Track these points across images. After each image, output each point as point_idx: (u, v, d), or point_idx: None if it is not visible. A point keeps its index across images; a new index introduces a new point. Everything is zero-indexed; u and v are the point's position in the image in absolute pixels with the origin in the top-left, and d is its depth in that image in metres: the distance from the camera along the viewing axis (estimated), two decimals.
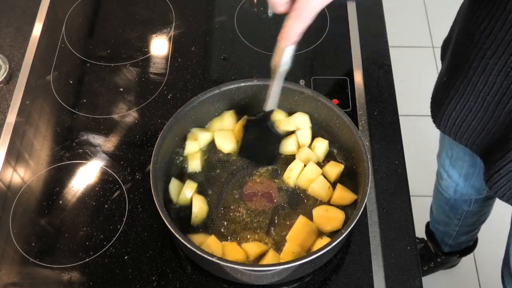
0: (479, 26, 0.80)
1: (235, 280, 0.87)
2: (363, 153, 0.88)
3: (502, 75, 0.81)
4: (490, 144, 0.94)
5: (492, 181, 0.94)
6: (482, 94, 0.86)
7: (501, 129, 0.89)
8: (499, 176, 0.92)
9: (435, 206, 1.56)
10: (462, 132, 0.96)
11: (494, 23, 0.77)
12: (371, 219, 0.95)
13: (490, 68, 0.82)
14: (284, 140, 0.97)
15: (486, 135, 0.93)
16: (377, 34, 1.21)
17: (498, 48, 0.79)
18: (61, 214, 0.96)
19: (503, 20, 0.76)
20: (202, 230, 0.90)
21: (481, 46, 0.81)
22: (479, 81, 0.85)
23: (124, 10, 1.26)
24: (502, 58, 0.79)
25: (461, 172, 1.29)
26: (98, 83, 1.13)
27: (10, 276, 0.89)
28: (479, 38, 0.81)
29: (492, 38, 0.79)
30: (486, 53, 0.81)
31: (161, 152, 0.89)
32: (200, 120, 0.99)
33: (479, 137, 0.94)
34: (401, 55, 2.32)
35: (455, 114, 0.94)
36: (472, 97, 0.88)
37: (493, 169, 0.92)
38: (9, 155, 1.02)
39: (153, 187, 0.84)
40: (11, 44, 1.18)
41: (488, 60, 0.81)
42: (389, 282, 0.89)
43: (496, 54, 0.79)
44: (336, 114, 0.94)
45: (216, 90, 0.96)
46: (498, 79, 0.82)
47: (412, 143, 1.62)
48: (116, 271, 0.89)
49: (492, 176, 0.93)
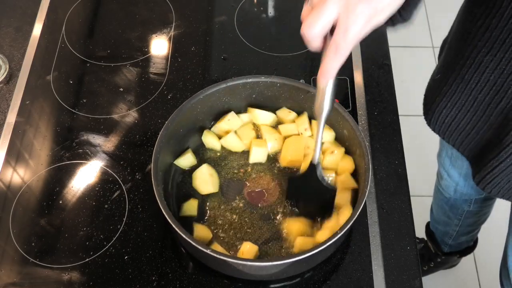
0: (475, 23, 0.80)
1: (237, 275, 0.88)
2: (365, 154, 0.88)
3: (496, 72, 0.81)
4: (478, 145, 0.93)
5: (484, 182, 0.93)
6: (474, 92, 0.86)
7: (491, 130, 0.88)
8: (493, 176, 0.91)
9: (435, 206, 1.56)
10: (450, 132, 0.96)
11: (490, 20, 0.77)
12: (371, 219, 0.95)
13: (484, 66, 0.81)
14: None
15: (475, 136, 0.92)
16: (377, 34, 1.21)
17: (493, 45, 0.78)
18: (61, 214, 0.96)
19: (499, 17, 0.76)
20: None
21: (477, 43, 0.81)
22: (472, 78, 0.85)
23: (124, 10, 1.26)
24: (497, 56, 0.79)
25: (461, 172, 1.29)
26: (98, 83, 1.13)
27: (10, 276, 0.89)
28: (475, 35, 0.81)
29: (487, 35, 0.79)
30: (481, 50, 0.81)
31: (164, 142, 0.90)
32: (205, 114, 0.99)
33: (467, 137, 0.94)
34: (401, 55, 2.32)
35: (445, 112, 0.94)
36: (464, 95, 0.88)
37: (485, 170, 0.92)
38: (9, 155, 1.02)
39: (154, 177, 0.85)
40: (11, 44, 1.18)
41: (483, 57, 0.81)
42: (389, 282, 0.89)
43: (491, 51, 0.79)
44: (340, 114, 0.94)
45: (223, 84, 0.96)
46: (491, 77, 0.82)
47: (412, 143, 1.62)
48: (116, 271, 0.89)
49: (484, 177, 0.93)
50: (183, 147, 0.98)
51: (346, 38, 0.64)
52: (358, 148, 0.90)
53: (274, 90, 0.99)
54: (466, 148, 0.97)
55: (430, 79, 1.02)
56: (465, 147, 0.96)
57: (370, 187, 0.98)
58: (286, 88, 0.98)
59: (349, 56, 1.16)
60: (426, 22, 2.47)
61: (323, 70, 0.68)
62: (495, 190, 0.94)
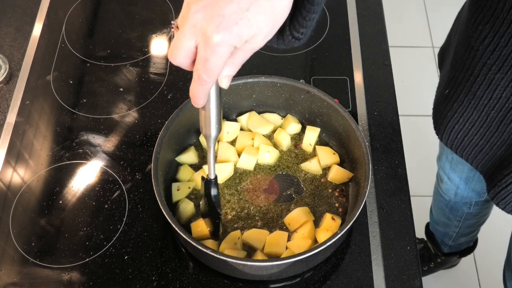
0: (482, 41, 0.79)
1: (237, 275, 0.88)
2: (365, 154, 0.88)
3: (507, 91, 0.79)
4: (492, 161, 0.92)
5: (499, 198, 0.92)
6: (486, 109, 0.85)
7: (504, 146, 0.87)
8: (507, 192, 0.90)
9: (435, 208, 1.55)
10: (463, 147, 0.95)
11: (499, 39, 0.76)
12: (371, 219, 0.95)
13: (495, 84, 0.80)
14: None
15: (488, 151, 0.91)
16: (377, 34, 1.21)
17: (503, 64, 0.77)
18: (61, 214, 0.96)
19: (508, 37, 0.74)
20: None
21: (486, 61, 0.80)
22: (484, 96, 0.83)
23: (124, 10, 1.26)
24: (508, 74, 0.77)
25: (462, 176, 1.28)
26: (98, 83, 1.13)
27: (10, 276, 0.89)
28: (483, 53, 0.79)
29: (497, 54, 0.77)
30: (491, 68, 0.79)
31: (164, 142, 0.90)
32: None
33: (481, 153, 0.93)
34: (401, 55, 2.32)
35: (457, 127, 0.93)
36: (476, 111, 0.87)
37: (500, 186, 0.90)
38: (9, 155, 1.02)
39: (154, 177, 0.85)
40: (11, 44, 1.18)
41: (494, 75, 0.80)
42: (389, 282, 0.89)
43: (502, 70, 0.78)
44: (340, 114, 0.94)
45: None
46: (503, 94, 0.80)
47: (412, 143, 1.62)
48: (116, 271, 0.89)
49: (498, 193, 0.92)
50: (183, 147, 0.98)
51: (206, 69, 0.59)
52: (358, 148, 0.90)
53: (274, 90, 0.99)
54: (479, 163, 0.95)
55: (437, 92, 1.01)
56: (478, 162, 0.95)
57: (370, 187, 0.98)
58: (286, 88, 0.98)
59: (349, 56, 1.17)
60: (426, 22, 2.47)
61: (191, 95, 0.64)
62: (509, 206, 0.93)
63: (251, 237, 0.89)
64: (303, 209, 0.92)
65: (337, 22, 1.22)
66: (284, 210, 0.93)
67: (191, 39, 0.58)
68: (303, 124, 1.02)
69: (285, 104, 1.01)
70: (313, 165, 0.97)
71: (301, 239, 0.89)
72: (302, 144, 1.00)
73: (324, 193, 0.95)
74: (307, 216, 0.91)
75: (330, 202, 0.94)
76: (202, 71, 0.59)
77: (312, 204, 0.94)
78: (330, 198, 0.95)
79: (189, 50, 0.59)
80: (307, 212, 0.92)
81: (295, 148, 1.00)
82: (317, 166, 0.97)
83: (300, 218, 0.91)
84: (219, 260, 0.80)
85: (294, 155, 0.99)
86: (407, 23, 2.44)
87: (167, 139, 0.91)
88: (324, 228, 0.90)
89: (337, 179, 0.96)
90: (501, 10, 0.74)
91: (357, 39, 1.19)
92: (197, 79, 0.61)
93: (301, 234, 0.89)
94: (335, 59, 1.16)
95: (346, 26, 1.22)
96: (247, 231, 0.90)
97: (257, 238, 0.89)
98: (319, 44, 1.19)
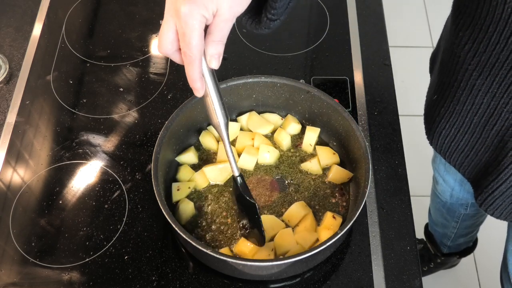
0: (463, 47, 0.80)
1: (237, 275, 0.88)
2: (365, 154, 0.88)
3: (488, 96, 0.80)
4: (478, 167, 0.93)
5: (486, 204, 0.93)
6: (470, 114, 0.86)
7: (489, 152, 0.88)
8: (493, 198, 0.91)
9: (433, 209, 1.56)
10: (451, 152, 0.96)
11: (478, 45, 0.77)
12: (371, 219, 0.95)
13: (477, 89, 0.81)
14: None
15: (474, 157, 0.92)
16: (377, 34, 1.21)
17: (483, 69, 0.78)
18: (61, 214, 0.96)
19: (486, 42, 0.75)
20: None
21: (467, 67, 0.81)
22: (467, 101, 0.85)
23: (124, 10, 1.26)
24: (488, 80, 0.78)
25: (456, 178, 1.28)
26: (98, 83, 1.13)
27: (10, 276, 0.89)
28: (464, 59, 0.81)
29: (477, 59, 0.79)
30: (472, 74, 0.81)
31: (164, 142, 0.90)
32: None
33: (467, 159, 0.94)
34: (401, 55, 2.32)
35: (445, 133, 0.94)
36: (460, 116, 0.88)
37: (486, 192, 0.91)
38: (9, 155, 1.02)
39: (154, 177, 0.85)
40: (11, 44, 1.18)
41: (475, 81, 0.81)
42: (389, 282, 0.89)
43: (482, 75, 0.79)
44: (340, 114, 0.94)
45: (223, 84, 0.96)
46: (484, 100, 0.81)
47: (412, 143, 1.62)
48: (116, 271, 0.89)
49: (486, 199, 0.92)
50: (183, 147, 0.99)
51: (186, 43, 0.65)
52: (358, 148, 0.90)
53: (274, 90, 0.99)
54: (466, 170, 0.96)
55: (427, 97, 1.02)
56: (465, 168, 0.96)
57: (370, 187, 0.98)
58: (286, 88, 0.98)
59: (349, 56, 1.17)
60: (426, 22, 2.47)
61: (189, 81, 0.70)
62: (497, 212, 0.93)
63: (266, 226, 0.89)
64: (299, 203, 0.93)
65: (337, 22, 1.22)
66: (284, 209, 0.93)
67: (170, 21, 0.65)
68: (303, 124, 1.02)
69: (285, 104, 1.01)
70: (313, 165, 0.97)
71: (306, 232, 0.89)
72: (302, 144, 1.00)
73: (324, 193, 0.95)
74: (305, 209, 0.92)
75: (330, 202, 0.94)
76: (184, 47, 0.66)
77: (312, 204, 0.94)
78: (330, 198, 0.95)
79: (171, 34, 0.66)
80: (304, 205, 0.92)
81: (295, 148, 1.00)
82: (317, 166, 0.97)
83: (298, 213, 0.91)
84: (219, 260, 0.81)
85: (294, 155, 0.99)
86: (407, 23, 2.44)
87: (167, 139, 0.91)
88: (325, 227, 0.90)
89: (337, 179, 0.96)
90: (479, 16, 0.75)
91: (357, 39, 1.19)
92: (184, 58, 0.67)
93: (304, 227, 0.90)
94: (335, 59, 1.16)
95: (346, 26, 1.22)
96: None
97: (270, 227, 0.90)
98: (319, 44, 1.19)
